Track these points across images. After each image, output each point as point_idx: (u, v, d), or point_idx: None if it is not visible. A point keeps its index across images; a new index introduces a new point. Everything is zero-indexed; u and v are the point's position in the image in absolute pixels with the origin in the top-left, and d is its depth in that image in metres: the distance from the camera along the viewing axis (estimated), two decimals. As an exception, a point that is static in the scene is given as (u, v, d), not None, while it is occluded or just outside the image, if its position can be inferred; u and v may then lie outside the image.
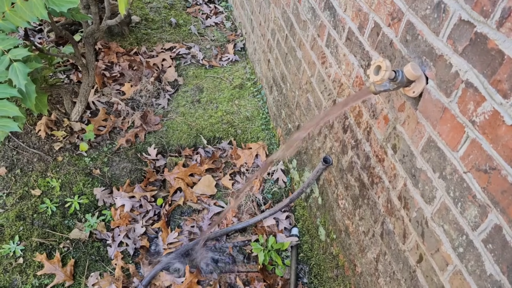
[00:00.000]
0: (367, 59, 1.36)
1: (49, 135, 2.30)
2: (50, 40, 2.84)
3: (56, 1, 1.49)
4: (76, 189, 2.12)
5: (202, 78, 2.86)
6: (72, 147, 2.29)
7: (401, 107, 1.20)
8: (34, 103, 1.56)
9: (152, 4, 3.47)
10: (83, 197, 2.08)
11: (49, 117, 2.35)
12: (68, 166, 2.19)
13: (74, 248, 1.93)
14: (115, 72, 2.77)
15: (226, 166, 2.39)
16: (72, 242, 1.94)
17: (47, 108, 1.84)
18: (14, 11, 1.52)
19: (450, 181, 1.01)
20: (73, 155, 2.25)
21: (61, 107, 2.44)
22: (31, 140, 2.27)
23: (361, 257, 1.55)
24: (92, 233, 1.99)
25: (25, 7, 1.51)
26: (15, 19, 1.53)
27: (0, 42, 1.47)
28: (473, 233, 0.95)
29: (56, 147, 2.25)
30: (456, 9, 0.93)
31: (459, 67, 0.94)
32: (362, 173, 1.48)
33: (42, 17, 1.48)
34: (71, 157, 2.23)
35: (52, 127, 2.34)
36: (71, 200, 2.06)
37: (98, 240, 1.98)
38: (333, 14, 1.58)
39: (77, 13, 1.90)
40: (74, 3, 1.49)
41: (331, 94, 1.68)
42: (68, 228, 1.99)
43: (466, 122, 0.94)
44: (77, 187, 2.12)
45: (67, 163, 2.20)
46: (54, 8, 1.49)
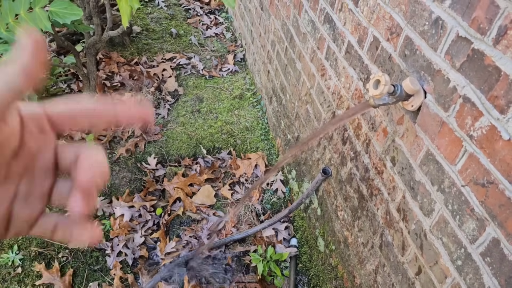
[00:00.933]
0: (366, 72, 1.38)
1: (49, 144, 2.30)
2: (51, 50, 2.86)
3: (60, 13, 1.51)
4: (75, 199, 2.12)
5: (202, 88, 2.88)
6: (72, 156, 2.29)
7: (400, 120, 1.21)
8: (36, 113, 1.56)
9: (153, 14, 3.50)
10: (82, 207, 2.08)
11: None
12: (68, 176, 2.19)
13: (73, 257, 1.93)
14: (115, 82, 2.79)
15: (225, 176, 2.40)
16: (71, 251, 1.94)
17: (48, 118, 1.85)
18: (17, 22, 1.54)
19: (449, 194, 1.02)
20: (73, 164, 2.25)
21: (61, 117, 2.45)
22: (31, 149, 2.27)
23: (360, 269, 1.55)
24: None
25: (28, 18, 1.53)
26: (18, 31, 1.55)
27: (4, 53, 1.49)
28: (472, 246, 0.96)
29: (56, 156, 2.26)
30: (454, 25, 0.95)
31: (457, 82, 0.96)
32: (361, 185, 1.49)
33: (46, 29, 1.50)
34: (71, 167, 2.24)
35: (53, 136, 2.34)
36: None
37: (97, 250, 1.98)
38: (333, 27, 1.60)
39: (79, 24, 1.92)
40: (77, 15, 1.51)
41: (330, 106, 1.70)
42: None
43: (464, 136, 0.96)
44: (77, 196, 2.12)
45: (67, 173, 2.20)
46: (57, 20, 1.51)
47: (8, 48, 1.56)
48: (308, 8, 1.84)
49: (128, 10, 1.44)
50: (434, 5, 1.02)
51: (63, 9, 1.52)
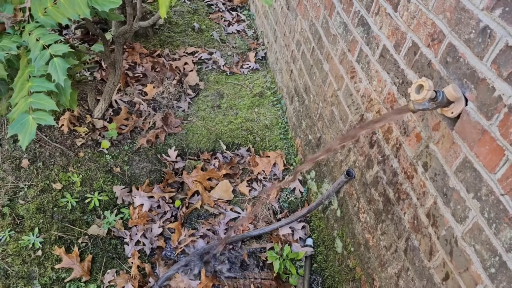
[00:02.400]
0: (402, 77, 1.39)
1: (71, 130, 2.33)
2: (76, 37, 2.88)
3: (99, 1, 1.53)
4: (96, 186, 2.14)
5: (222, 84, 2.89)
6: (94, 143, 2.31)
7: (436, 126, 1.22)
8: (69, 99, 1.59)
9: (176, 8, 3.52)
10: (103, 194, 2.11)
11: (72, 112, 2.38)
12: (89, 163, 2.22)
13: (92, 244, 1.95)
14: (138, 73, 2.81)
15: (243, 172, 2.41)
16: (90, 238, 1.96)
17: (76, 104, 1.87)
18: (56, 7, 1.56)
19: (486, 202, 1.03)
20: (95, 151, 2.28)
21: (84, 104, 2.48)
22: (53, 135, 2.29)
23: (380, 272, 1.56)
24: (110, 230, 2.01)
25: (67, 4, 1.54)
26: (56, 15, 1.56)
27: (42, 37, 1.51)
28: (508, 255, 0.97)
29: (78, 142, 2.28)
30: (503, 35, 0.96)
31: (503, 92, 0.97)
32: (388, 189, 1.50)
33: (84, 15, 1.52)
34: (93, 154, 2.26)
35: (75, 122, 2.37)
36: (91, 196, 2.08)
37: (116, 238, 2.00)
38: (367, 30, 1.61)
39: (111, 13, 1.94)
40: (116, 4, 1.53)
41: (358, 109, 1.71)
42: (87, 223, 2.01)
43: (506, 146, 0.96)
44: (97, 183, 2.15)
45: (88, 159, 2.23)
46: (96, 7, 1.53)
47: (45, 32, 1.57)
48: (340, 10, 1.84)
49: (167, 1, 1.45)
50: (483, 14, 1.02)
51: (103, -3, 1.54)
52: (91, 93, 2.37)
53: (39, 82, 1.53)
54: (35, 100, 1.52)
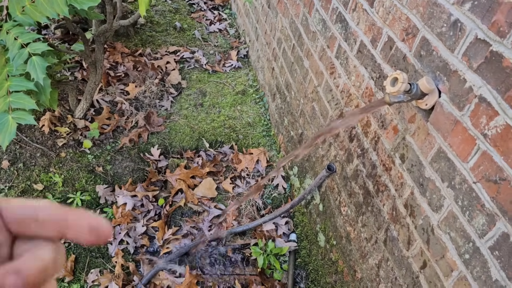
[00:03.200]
0: (379, 72, 1.42)
1: (52, 130, 2.31)
2: (56, 36, 2.85)
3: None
4: (78, 186, 2.13)
5: (205, 82, 2.90)
6: (76, 143, 2.30)
7: (412, 119, 1.25)
8: (48, 98, 1.58)
9: (157, 7, 3.51)
10: (85, 194, 2.09)
11: (53, 113, 2.36)
12: (71, 163, 2.20)
13: (75, 244, 1.94)
14: (119, 72, 2.79)
15: (227, 170, 2.42)
16: (73, 238, 1.95)
17: (57, 104, 1.86)
18: (34, 6, 1.55)
19: (459, 191, 1.06)
20: (76, 151, 2.26)
21: (65, 104, 2.46)
22: (34, 135, 2.27)
23: (362, 263, 1.59)
24: (93, 230, 1.99)
25: (45, 2, 1.53)
26: (34, 14, 1.55)
27: (20, 35, 1.50)
28: (480, 241, 1.00)
29: (59, 143, 2.26)
30: (473, 28, 0.99)
31: (473, 83, 1.00)
32: (368, 181, 1.53)
33: (63, 14, 1.51)
34: (74, 154, 2.24)
35: (56, 123, 2.35)
36: (73, 196, 2.07)
37: (99, 237, 1.99)
38: (345, 27, 1.64)
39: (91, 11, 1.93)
40: (95, 2, 1.52)
41: (338, 104, 1.74)
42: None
43: (477, 135, 1.00)
44: (80, 183, 2.13)
45: (70, 160, 2.21)
46: (75, 5, 1.52)
47: (23, 30, 1.56)
48: (319, 7, 1.87)
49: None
50: (453, 8, 1.06)
51: (81, -5, 1.53)
52: (72, 93, 2.36)
53: (18, 81, 1.51)
54: (14, 100, 1.51)
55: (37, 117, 2.33)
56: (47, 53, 1.72)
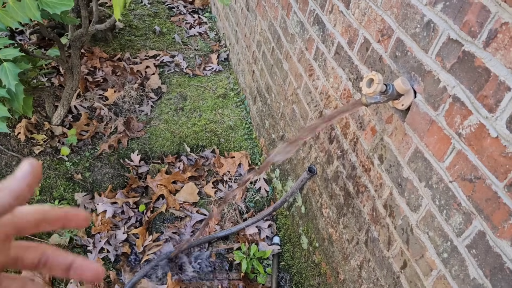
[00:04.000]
0: (356, 73, 1.42)
1: (28, 138, 2.26)
2: (31, 42, 2.80)
3: (50, 3, 1.49)
4: (56, 194, 2.08)
5: (185, 86, 2.88)
6: (53, 151, 2.25)
7: (389, 119, 1.26)
8: (21, 105, 1.54)
9: (136, 11, 3.47)
10: (63, 202, 2.05)
11: (29, 120, 2.31)
12: (49, 170, 2.15)
13: (53, 253, 1.89)
14: (98, 77, 2.75)
15: (208, 174, 2.40)
16: (51, 247, 1.90)
17: (31, 111, 1.82)
18: (5, 11, 1.51)
19: (436, 190, 1.07)
20: (54, 159, 2.22)
21: (41, 110, 2.41)
22: (10, 143, 2.22)
23: (344, 265, 1.59)
24: (73, 239, 1.95)
25: (17, 7, 1.50)
26: (5, 19, 1.52)
27: (-10, 41, 1.46)
28: (458, 239, 1.01)
29: (36, 150, 2.21)
30: (445, 28, 1.00)
31: (447, 83, 1.01)
32: (348, 183, 1.53)
33: (35, 18, 1.48)
34: (52, 161, 2.20)
35: (32, 130, 2.30)
36: (51, 205, 2.02)
37: (79, 246, 1.95)
38: (322, 29, 1.64)
39: (66, 16, 1.89)
40: (68, 6, 1.49)
41: (317, 106, 1.74)
42: (47, 233, 1.95)
43: (452, 134, 1.00)
44: (58, 191, 2.09)
45: (48, 167, 2.16)
46: (47, 10, 1.49)
47: (-6, 37, 1.52)
48: (297, 10, 1.87)
49: (121, 2, 1.43)
50: (426, 9, 1.06)
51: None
52: (49, 99, 2.31)
53: (-11, 88, 1.47)
54: (-15, 107, 1.47)
55: (12, 125, 2.27)
56: (20, 59, 1.69)
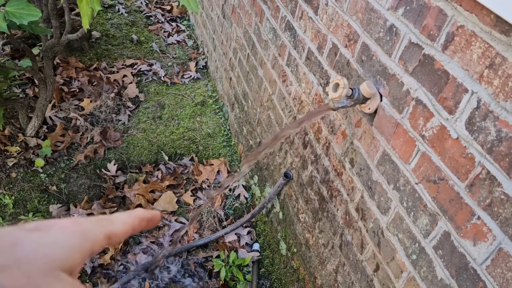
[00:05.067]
0: (326, 78, 1.43)
1: (2, 150, 2.21)
2: (4, 53, 2.76)
3: (17, 14, 1.47)
4: (30, 206, 2.04)
5: (163, 94, 2.86)
6: (27, 163, 2.21)
7: (358, 123, 1.27)
8: (-11, 116, 1.51)
9: (113, 20, 3.45)
10: (38, 215, 2.01)
11: (2, 132, 2.27)
12: (23, 183, 2.11)
13: (27, 267, 1.85)
14: (74, 87, 2.72)
15: (187, 182, 2.39)
16: (25, 261, 1.86)
17: (2, 123, 1.79)
18: (-29, 22, 1.48)
19: (404, 192, 1.08)
20: (28, 171, 2.18)
21: (15, 122, 2.37)
22: (-18, 156, 2.17)
23: (321, 269, 1.59)
24: (47, 252, 1.91)
25: (-17, 18, 1.47)
26: (-29, 30, 1.49)
27: (-45, 53, 1.43)
28: (425, 241, 1.01)
29: (9, 163, 2.17)
30: (407, 32, 1.02)
31: (410, 86, 1.02)
32: (322, 187, 1.53)
33: (1, 29, 1.46)
34: (26, 173, 2.16)
35: (6, 142, 2.25)
36: (25, 218, 1.98)
37: (54, 259, 1.91)
38: (294, 34, 1.65)
39: (36, 26, 1.87)
40: (35, 16, 1.48)
41: (291, 111, 1.74)
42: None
43: (416, 137, 1.01)
44: (32, 204, 2.05)
45: (22, 180, 2.12)
46: (14, 21, 1.47)
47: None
48: (269, 16, 1.88)
49: (89, 12, 1.42)
50: (389, 13, 1.08)
51: (20, 9, 1.48)
52: (22, 111, 2.27)
53: (-46, 101, 1.44)
54: (-49, 120, 1.44)
55: (-15, 137, 2.23)
56: (-12, 70, 1.66)
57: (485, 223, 0.84)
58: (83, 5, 1.40)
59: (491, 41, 0.80)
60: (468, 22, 0.84)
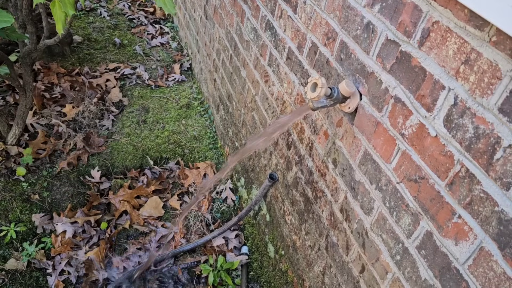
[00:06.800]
0: (307, 77, 1.41)
1: (-18, 160, 2.17)
2: (-16, 60, 2.70)
3: (-12, 20, 1.43)
4: (12, 217, 2.00)
5: (148, 98, 2.83)
6: (8, 172, 2.16)
7: (339, 123, 1.25)
8: (-37, 126, 1.47)
9: (95, 24, 3.41)
10: (20, 225, 1.97)
11: (-17, 141, 2.22)
12: (4, 192, 2.06)
13: (10, 279, 1.81)
14: (55, 93, 2.67)
15: (173, 186, 2.35)
16: (8, 273, 1.82)
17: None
18: None
19: (386, 192, 1.06)
20: (9, 180, 2.13)
21: (-4, 131, 2.32)
22: (-39, 166, 2.12)
23: (308, 272, 1.57)
24: (31, 263, 1.87)
25: (-47, 25, 1.43)
26: None
27: None
28: (408, 241, 1.00)
29: (-10, 172, 2.13)
30: (383, 29, 1.00)
31: (388, 84, 1.00)
32: (306, 188, 1.51)
33: (-28, 36, 1.41)
34: (7, 183, 2.11)
35: (-14, 151, 2.21)
36: (6, 228, 1.94)
37: (37, 270, 1.87)
38: (274, 34, 1.63)
39: (12, 32, 1.83)
40: (7, 22, 1.44)
41: (274, 112, 1.72)
42: (3, 258, 1.87)
43: (396, 135, 1.00)
44: (14, 214, 2.00)
45: (3, 189, 2.08)
46: (-15, 27, 1.43)
47: None
48: (250, 16, 1.86)
49: (62, 16, 1.39)
50: (365, 11, 1.06)
51: (-8, 15, 1.44)
52: (2, 119, 2.22)
53: None
54: None
55: (-36, 147, 2.18)
56: (-39, 79, 1.61)
57: (466, 222, 0.82)
58: (56, 9, 1.36)
59: (466, 36, 0.78)
60: (443, 17, 0.83)
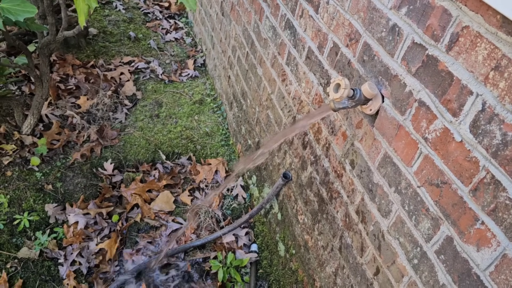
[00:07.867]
0: (326, 78, 1.41)
1: (-3, 148, 2.19)
2: (0, 50, 2.72)
3: (12, 10, 1.44)
4: (26, 206, 2.02)
5: (161, 92, 2.84)
6: (23, 161, 2.18)
7: (359, 124, 1.25)
8: (-17, 115, 1.48)
9: (110, 17, 3.42)
10: (33, 214, 1.99)
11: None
12: (18, 181, 2.08)
13: (22, 268, 1.83)
14: (70, 85, 2.69)
15: (185, 182, 2.36)
16: (20, 261, 1.84)
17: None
18: (-36, 18, 1.45)
19: (405, 195, 1.06)
20: (24, 169, 2.15)
21: (11, 120, 2.34)
22: (-23, 154, 2.14)
23: (320, 272, 1.57)
24: (43, 252, 1.89)
25: (-23, 14, 1.45)
26: (-35, 27, 1.46)
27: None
28: (427, 245, 0.99)
29: (4, 161, 2.14)
30: (410, 32, 0.99)
31: (413, 87, 1.00)
32: (321, 188, 1.51)
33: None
34: (21, 172, 2.13)
35: (1, 140, 2.23)
36: (20, 217, 1.96)
37: (49, 259, 1.89)
38: (294, 33, 1.63)
39: (32, 23, 1.84)
40: (31, 13, 1.45)
41: (291, 111, 1.72)
42: (16, 246, 1.89)
43: (419, 139, 0.99)
44: (27, 203, 2.02)
45: (17, 178, 2.10)
46: (9, 17, 1.44)
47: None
48: (269, 14, 1.86)
49: (85, 9, 1.39)
50: (391, 13, 1.06)
51: (16, 6, 1.45)
52: (18, 108, 2.24)
53: None
54: None
55: (-20, 135, 2.20)
56: (-18, 68, 1.63)
57: (489, 228, 0.82)
58: (79, 2, 1.37)
59: (497, 42, 0.78)
60: (474, 22, 0.82)
